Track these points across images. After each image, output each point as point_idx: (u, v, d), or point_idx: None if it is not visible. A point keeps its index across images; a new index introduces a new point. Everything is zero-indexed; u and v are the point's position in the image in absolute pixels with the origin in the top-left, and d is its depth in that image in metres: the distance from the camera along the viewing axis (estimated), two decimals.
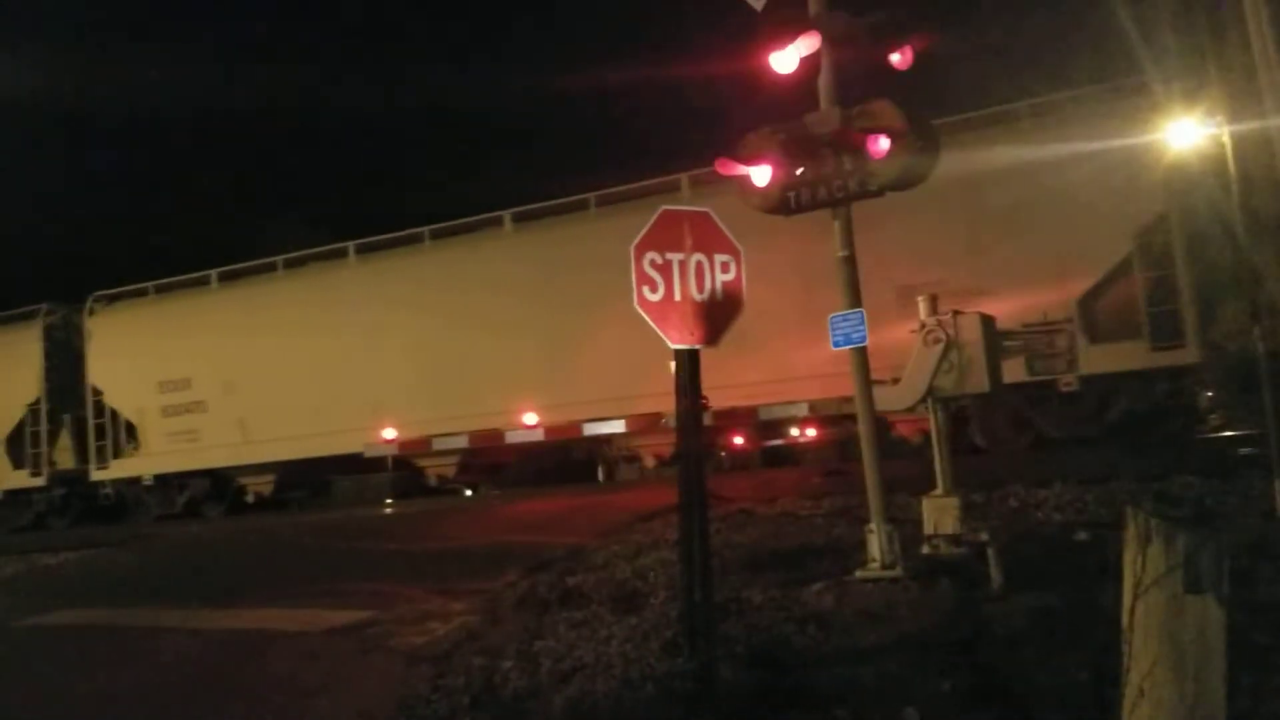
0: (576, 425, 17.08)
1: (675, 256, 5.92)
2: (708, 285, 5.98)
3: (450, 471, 19.10)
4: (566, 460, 19.33)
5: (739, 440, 17.44)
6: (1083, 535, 7.80)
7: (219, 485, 21.04)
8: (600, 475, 19.00)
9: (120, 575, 12.41)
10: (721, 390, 13.39)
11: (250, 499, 20.96)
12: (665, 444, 17.85)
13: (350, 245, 19.73)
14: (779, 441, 17.46)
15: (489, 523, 12.92)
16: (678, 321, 5.88)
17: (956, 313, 7.17)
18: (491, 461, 19.74)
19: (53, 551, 15.76)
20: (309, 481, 21.08)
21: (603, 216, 17.24)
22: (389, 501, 20.21)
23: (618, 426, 16.75)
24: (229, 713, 6.08)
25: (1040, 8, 22.00)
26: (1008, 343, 7.59)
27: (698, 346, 5.89)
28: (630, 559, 8.81)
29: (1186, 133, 13.64)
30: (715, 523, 8.07)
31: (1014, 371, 7.78)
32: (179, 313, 21.24)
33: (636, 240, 5.88)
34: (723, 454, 17.55)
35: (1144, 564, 2.95)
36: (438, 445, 18.32)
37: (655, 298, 5.86)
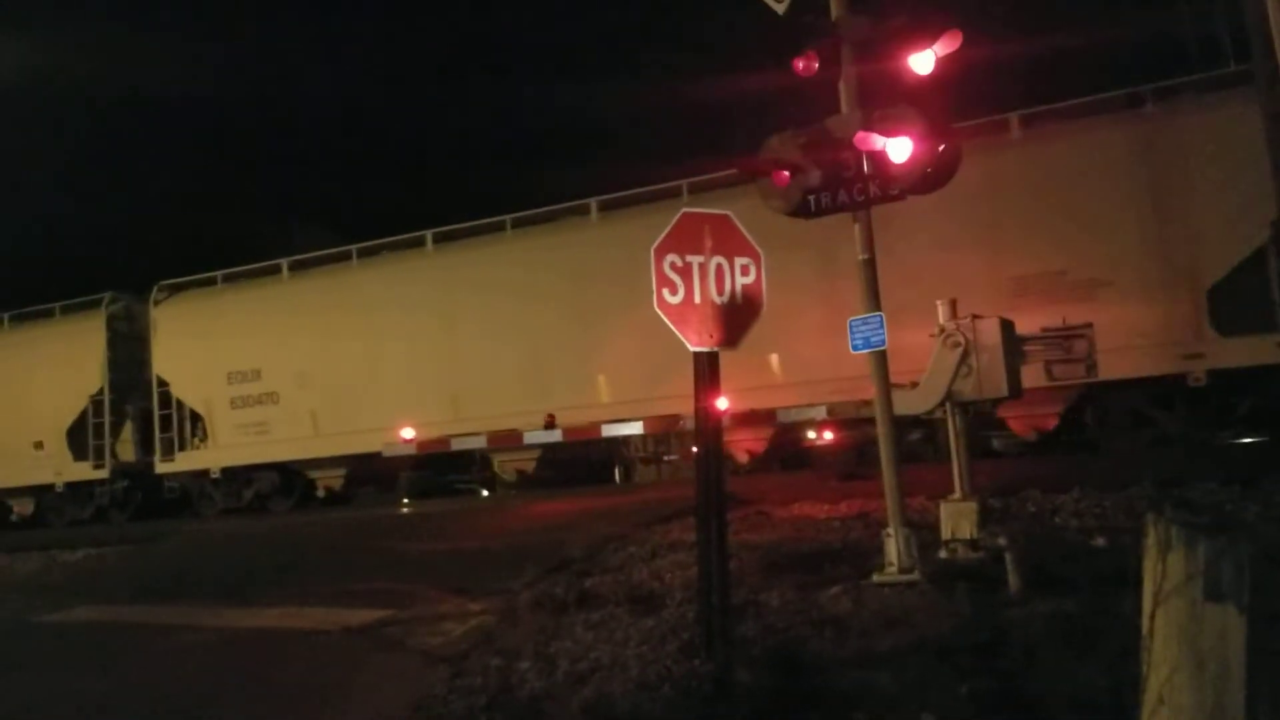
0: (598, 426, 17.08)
1: (695, 259, 5.95)
2: (727, 288, 6.00)
3: (530, 467, 18.46)
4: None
5: (756, 443, 17.41)
6: (1100, 541, 7.77)
7: (287, 479, 20.54)
8: (617, 476, 19.02)
9: (140, 573, 12.50)
10: (740, 393, 13.51)
11: (321, 494, 20.37)
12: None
13: (428, 234, 19.13)
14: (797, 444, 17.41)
15: (505, 523, 12.96)
16: (697, 324, 5.90)
17: (975, 317, 7.17)
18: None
19: (72, 548, 15.87)
20: (379, 476, 20.64)
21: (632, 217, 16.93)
22: (405, 501, 20.28)
23: (636, 428, 16.73)
24: (245, 711, 6.12)
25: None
26: (1027, 347, 7.56)
27: (717, 349, 5.91)
28: (647, 560, 8.83)
29: None
30: (732, 525, 8.07)
31: (1033, 377, 7.73)
32: (249, 302, 20.77)
33: (657, 242, 5.91)
34: (740, 456, 17.51)
35: (1164, 571, 2.94)
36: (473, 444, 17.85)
37: (675, 300, 5.88)
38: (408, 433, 18.37)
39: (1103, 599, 5.68)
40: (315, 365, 19.49)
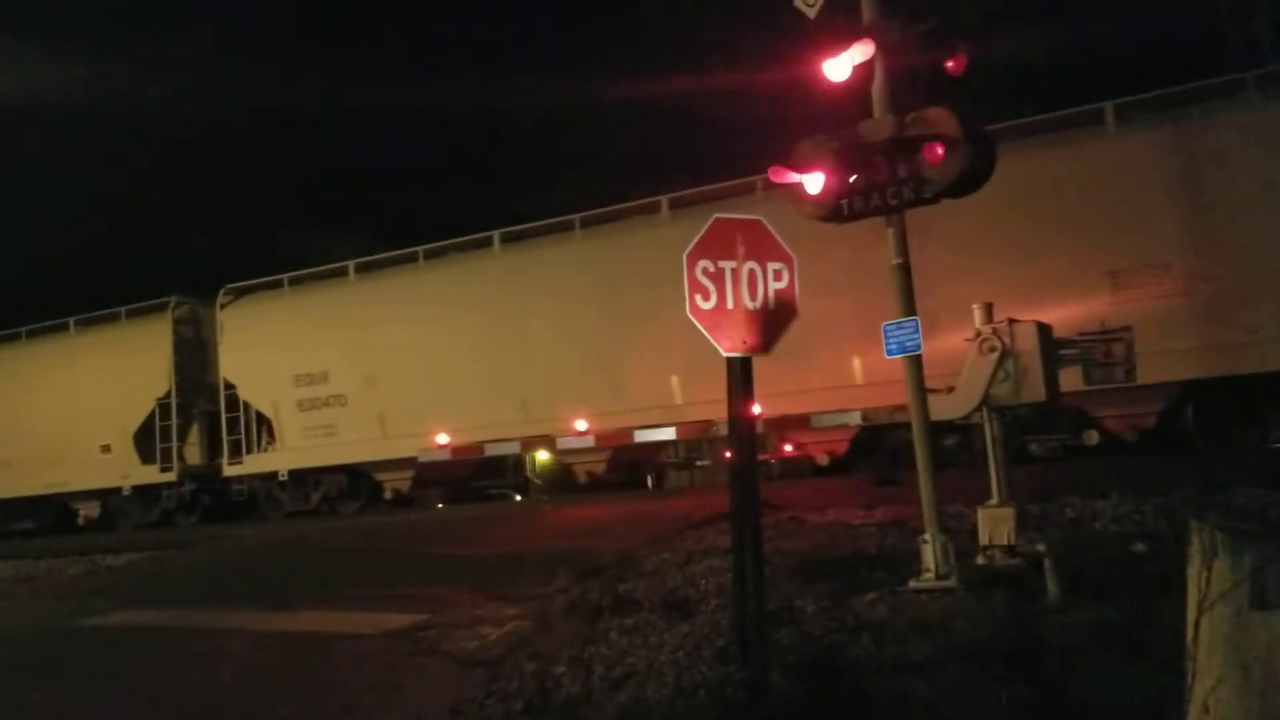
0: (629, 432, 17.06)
1: (728, 264, 5.93)
2: (760, 293, 5.98)
3: (601, 469, 18.37)
4: None
5: (789, 448, 17.35)
6: (1140, 547, 7.68)
7: (355, 482, 20.54)
8: (649, 482, 18.99)
9: (181, 577, 12.64)
10: (773, 398, 13.45)
11: (388, 496, 20.34)
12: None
13: (495, 234, 19.04)
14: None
15: (539, 528, 12.98)
16: (730, 329, 5.89)
17: (1012, 321, 7.10)
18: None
19: (115, 553, 16.05)
20: (447, 479, 20.34)
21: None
22: (439, 505, 20.32)
23: (668, 434, 16.71)
24: (285, 712, 6.17)
25: None
26: (1064, 351, 7.47)
27: (750, 354, 5.90)
28: (681, 566, 8.81)
29: None
30: (766, 530, 8.04)
31: (1071, 380, 7.65)
32: (315, 304, 20.77)
33: (689, 248, 5.90)
34: (773, 462, 17.45)
35: (1209, 579, 2.90)
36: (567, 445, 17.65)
37: (708, 306, 5.88)
38: (442, 438, 18.44)
39: (1144, 606, 5.62)
40: (383, 367, 19.43)
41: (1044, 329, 7.13)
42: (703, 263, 5.90)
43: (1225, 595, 2.86)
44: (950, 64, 6.83)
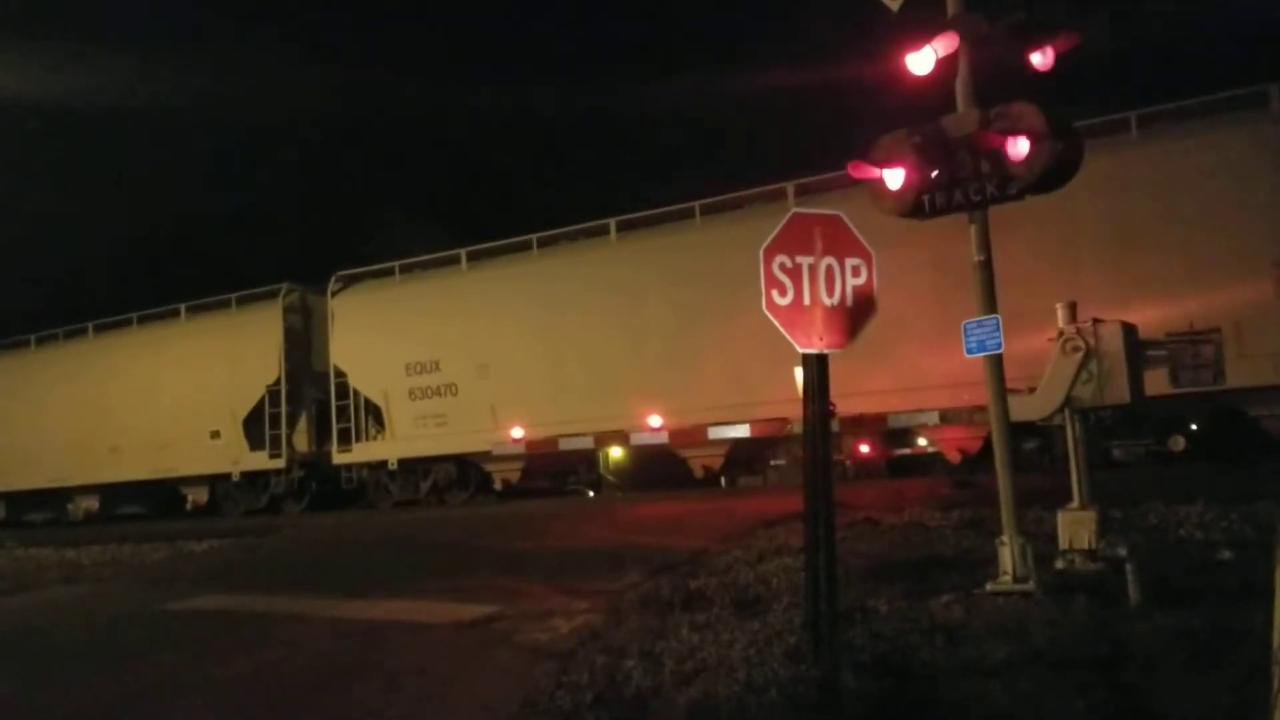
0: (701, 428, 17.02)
1: (805, 260, 5.90)
2: (838, 289, 5.93)
3: (717, 463, 17.96)
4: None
5: (865, 449, 17.19)
6: (1226, 554, 7.47)
7: (464, 472, 20.47)
8: (722, 480, 18.94)
9: (260, 565, 12.92)
10: (849, 398, 13.33)
11: (498, 486, 20.15)
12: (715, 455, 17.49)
13: (611, 222, 18.87)
14: (906, 450, 17.11)
15: (611, 524, 13.02)
16: (806, 326, 5.85)
17: (1097, 321, 6.94)
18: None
19: (198, 539, 16.45)
20: (554, 470, 20.35)
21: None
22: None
23: (742, 431, 16.65)
24: (361, 698, 6.27)
25: None
26: (1151, 352, 7.28)
27: (826, 351, 5.85)
28: (753, 564, 8.78)
29: None
30: (839, 531, 7.97)
31: (1157, 384, 7.46)
32: (426, 293, 20.78)
33: (766, 244, 5.88)
34: (848, 462, 17.29)
35: None
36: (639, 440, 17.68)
37: (784, 302, 5.85)
38: (517, 432, 18.55)
39: (1229, 613, 5.46)
40: (495, 357, 19.42)
41: (1129, 329, 6.96)
42: (780, 258, 5.87)
43: None
44: (1037, 57, 6.70)
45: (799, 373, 5.94)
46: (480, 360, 19.55)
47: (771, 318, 5.85)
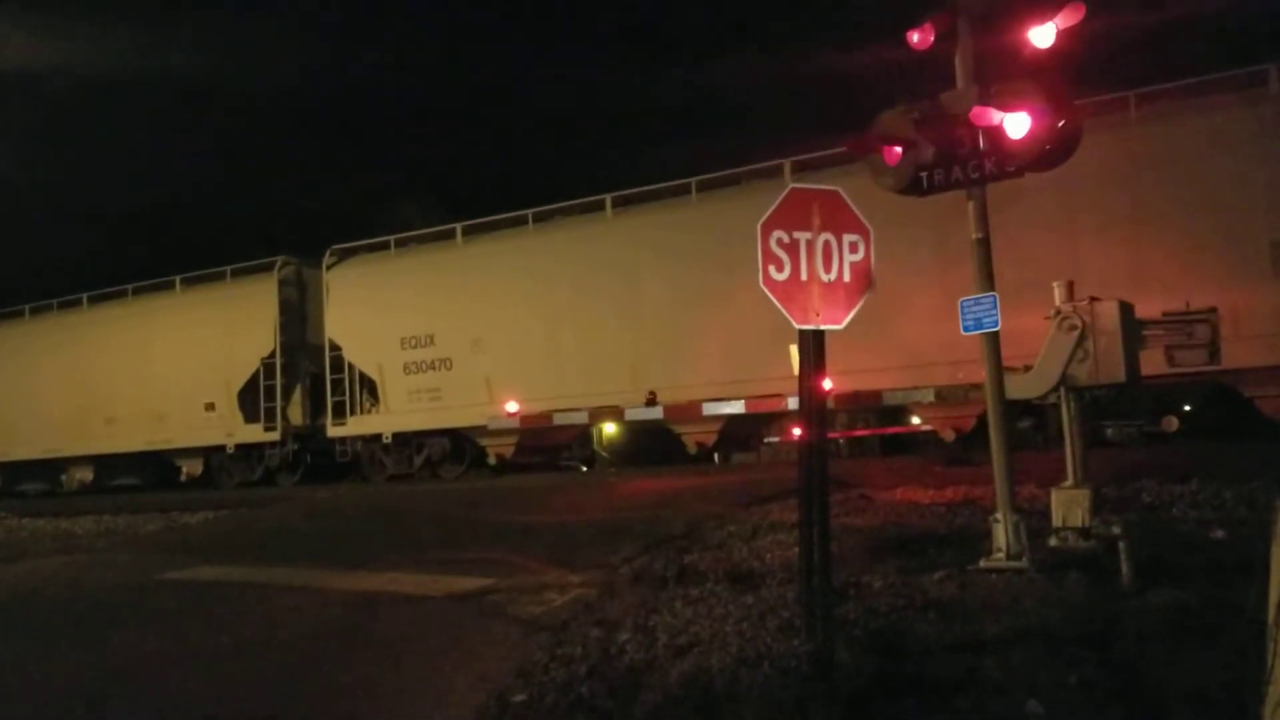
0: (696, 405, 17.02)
1: (803, 235, 5.87)
2: (835, 265, 5.91)
3: (711, 440, 18.09)
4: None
5: (860, 426, 17.22)
6: (1220, 533, 7.50)
7: (458, 446, 20.51)
8: (715, 457, 18.98)
9: (255, 536, 12.92)
10: (844, 375, 13.33)
11: (492, 461, 20.14)
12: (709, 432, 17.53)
13: (607, 198, 18.80)
14: (900, 429, 17.14)
15: (605, 498, 13.05)
16: (803, 301, 5.83)
17: (1093, 299, 6.93)
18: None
19: (192, 510, 16.47)
20: (548, 446, 20.48)
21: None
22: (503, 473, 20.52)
23: (737, 407, 16.66)
24: (356, 669, 6.29)
25: None
26: (1147, 332, 7.28)
27: (823, 327, 5.84)
28: (747, 540, 8.80)
29: None
30: (834, 508, 8.00)
31: (1153, 363, 7.46)
32: (422, 267, 20.80)
33: (763, 218, 5.85)
34: (841, 440, 17.31)
35: None
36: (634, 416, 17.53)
37: (781, 277, 5.82)
38: (511, 406, 18.56)
39: (1221, 591, 5.50)
40: (490, 332, 19.42)
41: (1126, 308, 6.96)
42: (777, 233, 5.83)
43: None
44: (1037, 34, 6.66)
45: (795, 350, 5.94)
46: (475, 335, 19.55)
47: (768, 292, 5.82)
